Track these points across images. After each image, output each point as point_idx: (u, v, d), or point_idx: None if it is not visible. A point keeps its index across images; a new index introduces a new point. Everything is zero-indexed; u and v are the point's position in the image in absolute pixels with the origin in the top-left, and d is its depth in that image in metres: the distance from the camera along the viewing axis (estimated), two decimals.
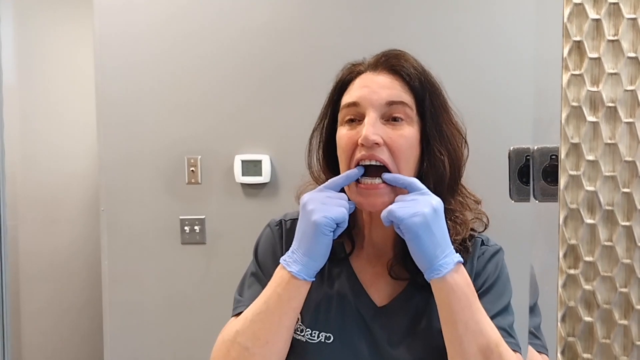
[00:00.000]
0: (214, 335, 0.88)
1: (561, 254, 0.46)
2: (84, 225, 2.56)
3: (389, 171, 0.82)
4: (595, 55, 0.45)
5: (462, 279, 0.77)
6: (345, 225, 0.81)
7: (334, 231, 0.79)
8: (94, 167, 2.11)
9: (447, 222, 0.85)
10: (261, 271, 0.92)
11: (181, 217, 1.85)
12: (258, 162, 1.80)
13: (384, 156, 0.82)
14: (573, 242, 0.46)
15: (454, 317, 0.77)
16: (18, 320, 2.29)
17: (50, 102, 2.43)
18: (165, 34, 1.82)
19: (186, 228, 1.85)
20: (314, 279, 0.81)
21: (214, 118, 1.83)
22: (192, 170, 1.85)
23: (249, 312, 0.83)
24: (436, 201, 0.78)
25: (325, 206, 0.79)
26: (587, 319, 0.46)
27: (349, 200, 0.83)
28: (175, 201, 1.86)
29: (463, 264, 0.81)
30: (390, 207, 0.79)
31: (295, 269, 0.79)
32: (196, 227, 1.85)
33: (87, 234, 2.52)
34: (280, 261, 0.82)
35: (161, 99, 1.84)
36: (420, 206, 0.77)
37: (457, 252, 0.84)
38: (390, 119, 0.83)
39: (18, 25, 2.24)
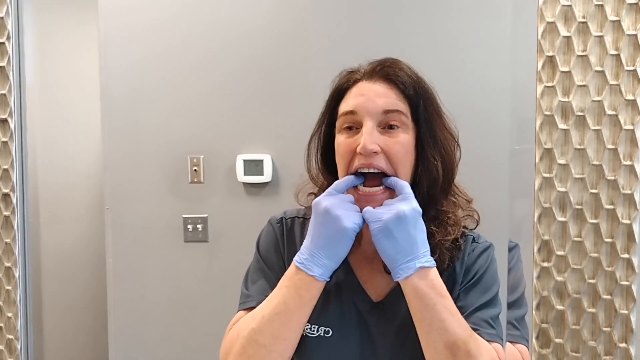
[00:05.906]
0: (216, 330, 0.91)
1: (536, 248, 0.50)
2: (88, 223, 2.59)
3: (387, 177, 0.86)
4: (566, 68, 0.49)
5: (423, 282, 0.80)
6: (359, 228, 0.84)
7: None
8: (99, 166, 2.13)
9: (440, 223, 0.89)
10: (265, 265, 0.96)
11: (184, 216, 1.88)
12: (260, 162, 1.82)
13: (381, 164, 0.85)
14: (546, 237, 0.50)
15: (417, 316, 0.80)
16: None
17: (55, 102, 2.46)
18: (169, 35, 1.84)
19: (189, 226, 1.88)
20: (329, 279, 0.84)
21: (216, 118, 1.85)
22: (195, 170, 1.87)
23: (265, 311, 0.84)
24: (409, 208, 0.81)
25: (350, 212, 0.82)
26: (559, 307, 0.50)
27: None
28: (179, 200, 1.88)
29: (440, 267, 0.84)
30: (367, 207, 0.83)
31: (317, 272, 0.82)
32: (199, 226, 1.87)
33: (92, 231, 2.54)
34: (299, 266, 0.83)
35: (165, 100, 1.86)
36: (386, 213, 0.80)
37: (449, 250, 0.88)
38: (386, 127, 0.86)
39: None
